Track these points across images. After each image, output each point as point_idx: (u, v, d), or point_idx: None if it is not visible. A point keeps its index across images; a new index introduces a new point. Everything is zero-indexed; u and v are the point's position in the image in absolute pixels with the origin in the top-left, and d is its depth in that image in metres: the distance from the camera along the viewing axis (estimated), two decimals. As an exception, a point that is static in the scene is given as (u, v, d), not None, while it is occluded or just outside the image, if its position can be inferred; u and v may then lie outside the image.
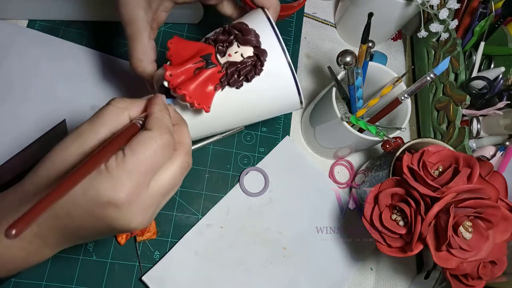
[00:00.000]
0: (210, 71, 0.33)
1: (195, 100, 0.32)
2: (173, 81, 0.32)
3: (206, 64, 0.33)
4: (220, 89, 0.34)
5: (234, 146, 0.55)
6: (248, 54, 0.34)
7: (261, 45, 0.34)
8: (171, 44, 0.33)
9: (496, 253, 0.40)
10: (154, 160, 0.26)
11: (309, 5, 0.67)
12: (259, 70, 0.34)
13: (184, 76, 0.32)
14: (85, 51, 0.53)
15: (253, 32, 0.34)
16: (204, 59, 0.33)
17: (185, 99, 0.32)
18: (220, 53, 0.34)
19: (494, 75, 0.54)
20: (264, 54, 0.34)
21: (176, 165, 0.28)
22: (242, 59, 0.34)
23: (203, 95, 0.33)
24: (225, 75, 0.34)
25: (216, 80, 0.33)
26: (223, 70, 0.34)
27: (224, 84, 0.34)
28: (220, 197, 0.52)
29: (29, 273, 0.44)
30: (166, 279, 0.47)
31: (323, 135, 0.55)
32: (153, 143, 0.26)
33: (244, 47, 0.34)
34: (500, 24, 0.54)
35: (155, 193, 0.27)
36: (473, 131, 0.54)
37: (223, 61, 0.34)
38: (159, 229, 0.49)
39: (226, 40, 0.34)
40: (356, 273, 0.55)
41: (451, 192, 0.39)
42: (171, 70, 0.32)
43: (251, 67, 0.34)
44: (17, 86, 0.49)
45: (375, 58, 0.60)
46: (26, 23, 0.52)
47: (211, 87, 0.33)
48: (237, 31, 0.34)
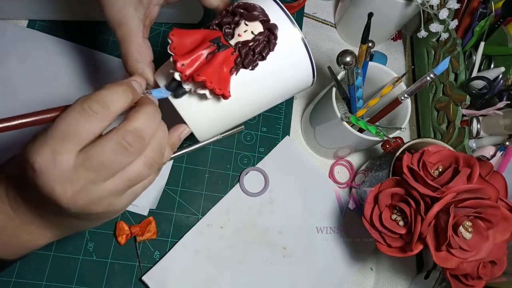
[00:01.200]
0: (224, 53, 0.31)
1: (215, 85, 0.30)
2: (186, 71, 0.30)
3: (217, 47, 0.31)
4: (235, 72, 0.32)
5: (234, 146, 0.55)
6: (258, 30, 0.32)
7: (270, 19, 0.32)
8: (173, 35, 0.31)
9: (496, 253, 0.40)
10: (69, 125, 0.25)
11: (309, 5, 0.67)
12: (274, 44, 0.32)
13: (197, 63, 0.30)
14: (85, 51, 0.53)
15: (258, 7, 0.32)
16: (215, 42, 0.31)
17: (206, 84, 0.30)
18: (228, 35, 0.32)
19: (494, 75, 0.54)
20: (275, 28, 0.32)
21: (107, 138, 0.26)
22: (253, 36, 0.32)
23: (221, 80, 0.31)
24: (239, 56, 0.32)
25: (231, 63, 0.31)
26: (236, 51, 0.32)
27: (239, 67, 0.32)
28: (220, 197, 0.52)
29: (29, 273, 0.44)
30: (166, 279, 0.47)
31: (323, 135, 0.55)
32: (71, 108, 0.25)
33: (252, 24, 0.32)
34: (500, 24, 0.54)
35: (79, 164, 0.25)
36: (473, 131, 0.54)
37: (234, 42, 0.32)
38: (159, 229, 0.49)
39: (232, 21, 0.32)
40: (356, 273, 0.55)
41: (451, 192, 0.39)
42: (182, 59, 0.30)
43: (264, 43, 0.32)
44: (17, 86, 0.49)
45: (375, 58, 0.60)
46: (26, 23, 0.52)
47: (226, 70, 0.31)
48: (242, 9, 0.32)
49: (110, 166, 0.26)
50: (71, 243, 0.46)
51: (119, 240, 0.47)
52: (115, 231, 0.47)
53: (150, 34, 0.37)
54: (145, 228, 0.48)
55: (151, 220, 0.48)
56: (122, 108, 0.27)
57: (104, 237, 0.47)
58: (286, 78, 0.35)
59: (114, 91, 0.27)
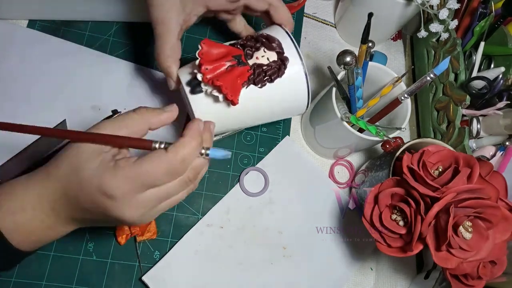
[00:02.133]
0: (242, 68, 0.38)
1: (229, 91, 0.36)
2: (208, 74, 0.36)
3: (238, 62, 0.38)
4: (246, 86, 0.39)
5: (234, 146, 0.55)
6: (273, 59, 0.39)
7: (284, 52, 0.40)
8: (204, 44, 0.37)
9: (496, 253, 0.40)
10: (155, 179, 0.30)
11: (309, 5, 0.67)
12: (282, 72, 0.39)
13: (219, 71, 0.37)
14: (85, 51, 0.53)
15: (277, 40, 0.40)
16: (236, 58, 0.38)
17: (221, 89, 0.36)
18: (247, 55, 0.39)
19: (494, 75, 0.54)
20: (287, 60, 0.40)
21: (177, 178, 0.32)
22: (268, 62, 0.39)
23: (234, 89, 0.37)
24: (253, 74, 0.39)
25: (245, 78, 0.38)
26: (251, 70, 0.39)
27: (250, 82, 0.39)
28: (220, 197, 0.52)
29: (29, 273, 0.44)
30: (166, 279, 0.47)
31: (323, 135, 0.55)
32: (161, 164, 0.30)
33: (270, 52, 0.40)
34: (500, 24, 0.54)
35: (151, 196, 0.31)
36: (473, 131, 0.54)
37: (251, 62, 0.39)
38: (159, 229, 0.49)
39: (254, 46, 0.40)
40: (356, 273, 0.55)
41: (451, 192, 0.39)
42: (207, 64, 0.37)
43: (275, 70, 0.39)
44: (17, 86, 0.49)
45: (375, 58, 0.60)
46: (26, 23, 0.52)
47: (239, 82, 0.38)
48: (264, 39, 0.40)
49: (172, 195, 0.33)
50: (71, 243, 0.46)
51: (119, 240, 0.47)
52: (115, 231, 0.47)
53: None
54: (145, 228, 0.48)
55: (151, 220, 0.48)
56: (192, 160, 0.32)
57: (104, 237, 0.47)
58: (285, 100, 0.42)
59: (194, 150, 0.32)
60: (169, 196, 0.33)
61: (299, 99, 0.42)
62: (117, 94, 0.52)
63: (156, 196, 0.31)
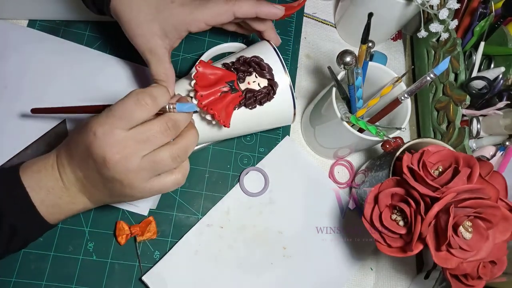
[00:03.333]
0: (234, 95, 0.41)
1: (221, 119, 0.40)
2: (203, 100, 0.40)
3: (231, 89, 0.41)
4: (237, 108, 0.42)
5: (234, 146, 0.55)
6: (263, 84, 0.42)
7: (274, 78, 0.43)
8: (199, 67, 0.40)
9: (496, 253, 0.40)
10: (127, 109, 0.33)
11: (309, 5, 0.67)
12: (271, 97, 0.43)
13: (212, 97, 0.40)
14: (85, 51, 0.53)
15: (267, 67, 0.43)
16: (229, 85, 0.41)
17: (214, 117, 0.40)
18: (240, 79, 0.42)
19: (494, 75, 0.54)
20: (276, 86, 0.43)
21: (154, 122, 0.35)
22: (259, 88, 0.42)
23: (226, 114, 0.41)
24: (244, 98, 0.42)
25: (236, 102, 0.42)
26: (243, 95, 0.42)
27: (242, 105, 0.42)
28: (220, 197, 0.52)
29: (29, 273, 0.44)
30: (166, 279, 0.47)
31: (323, 135, 0.55)
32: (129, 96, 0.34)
33: (260, 79, 0.43)
34: (500, 24, 0.54)
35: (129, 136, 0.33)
36: (473, 131, 0.54)
37: (243, 87, 0.42)
38: (159, 229, 0.49)
39: (246, 70, 0.42)
40: (356, 273, 0.55)
41: (451, 192, 0.39)
42: (202, 90, 0.40)
43: (265, 95, 0.42)
44: (17, 85, 0.49)
45: (375, 58, 0.60)
46: (26, 23, 0.52)
47: (231, 107, 0.41)
48: (255, 64, 0.43)
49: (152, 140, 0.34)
50: (71, 243, 0.46)
51: (119, 240, 0.47)
52: (115, 231, 0.47)
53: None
54: (145, 228, 0.48)
55: (151, 220, 0.48)
56: (165, 103, 0.35)
57: (104, 237, 0.47)
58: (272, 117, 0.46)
59: (161, 89, 0.35)
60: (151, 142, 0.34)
61: (286, 116, 0.46)
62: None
63: (136, 138, 0.33)
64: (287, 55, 0.61)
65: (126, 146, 0.33)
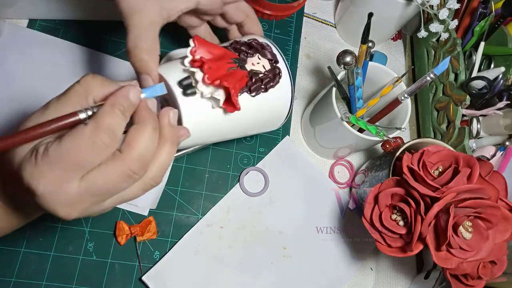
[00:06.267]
0: (242, 72, 0.35)
1: (236, 94, 0.33)
2: (212, 74, 0.32)
3: (239, 66, 0.35)
4: (240, 93, 0.35)
5: (234, 146, 0.55)
6: (267, 67, 0.37)
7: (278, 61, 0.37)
8: (196, 41, 0.33)
9: (496, 253, 0.40)
10: (80, 157, 0.25)
11: (309, 5, 0.67)
12: (276, 82, 0.37)
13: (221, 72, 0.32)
14: (85, 51, 0.53)
15: (270, 48, 0.38)
16: (236, 61, 0.35)
17: (230, 91, 0.32)
18: (242, 61, 0.36)
19: (494, 75, 0.54)
20: (281, 71, 0.37)
21: (113, 168, 0.26)
22: (264, 70, 0.37)
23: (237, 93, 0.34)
24: (250, 80, 0.35)
25: (243, 83, 0.35)
26: (249, 76, 0.35)
27: (245, 90, 0.35)
28: (220, 197, 0.52)
29: (29, 273, 0.44)
30: (166, 279, 0.47)
31: (323, 135, 0.55)
32: (82, 138, 0.25)
33: (264, 60, 0.37)
34: (500, 24, 0.54)
35: (83, 190, 0.26)
36: (473, 131, 0.54)
37: (248, 68, 0.36)
38: (159, 229, 0.49)
39: (249, 51, 0.37)
40: (356, 273, 0.55)
41: (451, 192, 0.39)
42: (210, 63, 0.32)
43: (270, 79, 0.37)
44: (17, 86, 0.49)
45: (375, 58, 0.60)
46: (26, 23, 0.52)
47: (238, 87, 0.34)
48: (257, 45, 0.37)
49: (114, 192, 0.27)
50: (71, 243, 0.46)
51: (119, 240, 0.47)
52: (115, 231, 0.47)
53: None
54: (145, 228, 0.48)
55: (151, 220, 0.48)
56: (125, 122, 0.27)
57: (104, 237, 0.47)
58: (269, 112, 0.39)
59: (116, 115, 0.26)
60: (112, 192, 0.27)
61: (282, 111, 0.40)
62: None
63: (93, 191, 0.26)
64: (287, 55, 0.61)
65: (82, 202, 0.26)
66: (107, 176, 0.26)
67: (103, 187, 0.26)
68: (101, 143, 0.25)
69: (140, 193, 0.29)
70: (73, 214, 0.26)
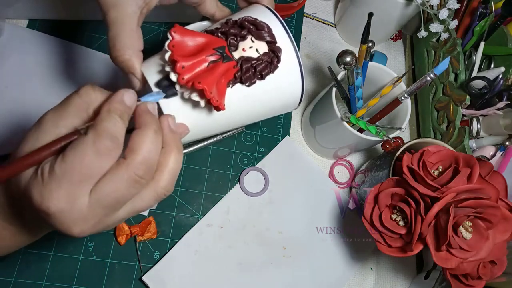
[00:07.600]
0: (226, 65, 0.30)
1: (213, 96, 0.29)
2: (185, 74, 0.28)
3: (222, 57, 0.30)
4: (231, 85, 0.31)
5: (234, 146, 0.55)
6: (263, 50, 0.32)
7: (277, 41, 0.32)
8: (174, 32, 0.29)
9: (496, 253, 0.40)
10: (86, 167, 0.24)
11: (309, 5, 0.67)
12: (275, 67, 0.32)
13: (198, 69, 0.29)
14: (85, 51, 0.53)
15: (266, 26, 0.32)
16: (219, 52, 0.30)
17: (205, 94, 0.28)
18: (232, 46, 0.31)
19: (494, 75, 0.54)
20: (280, 51, 0.32)
21: (119, 175, 0.25)
22: (258, 55, 0.32)
23: (218, 91, 0.29)
24: (240, 70, 0.31)
25: (230, 76, 0.30)
26: (238, 65, 0.31)
27: (237, 80, 0.31)
28: (220, 197, 0.52)
29: (29, 273, 0.44)
30: (166, 279, 0.47)
31: (323, 135, 0.55)
32: (84, 148, 0.24)
33: (258, 42, 0.32)
34: (500, 24, 0.54)
35: (95, 203, 0.25)
36: (473, 131, 0.54)
37: (237, 55, 0.31)
38: (159, 229, 0.49)
39: (239, 34, 0.32)
40: (356, 273, 0.55)
41: (451, 192, 0.39)
42: (183, 60, 0.28)
43: (266, 64, 0.32)
44: (17, 86, 0.49)
45: (375, 58, 0.60)
46: (26, 23, 0.52)
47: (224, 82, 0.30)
48: (250, 24, 0.32)
49: (123, 200, 0.26)
50: (71, 243, 0.46)
51: (119, 240, 0.47)
52: (115, 231, 0.47)
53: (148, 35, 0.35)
54: (145, 228, 0.48)
55: (151, 220, 0.48)
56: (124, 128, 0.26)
57: (104, 237, 0.47)
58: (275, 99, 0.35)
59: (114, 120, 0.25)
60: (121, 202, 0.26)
61: (292, 96, 0.35)
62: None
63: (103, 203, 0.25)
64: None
65: (94, 216, 0.25)
66: (115, 184, 0.25)
67: (112, 197, 0.25)
68: (105, 148, 0.25)
69: (152, 203, 0.28)
70: (86, 230, 0.26)
